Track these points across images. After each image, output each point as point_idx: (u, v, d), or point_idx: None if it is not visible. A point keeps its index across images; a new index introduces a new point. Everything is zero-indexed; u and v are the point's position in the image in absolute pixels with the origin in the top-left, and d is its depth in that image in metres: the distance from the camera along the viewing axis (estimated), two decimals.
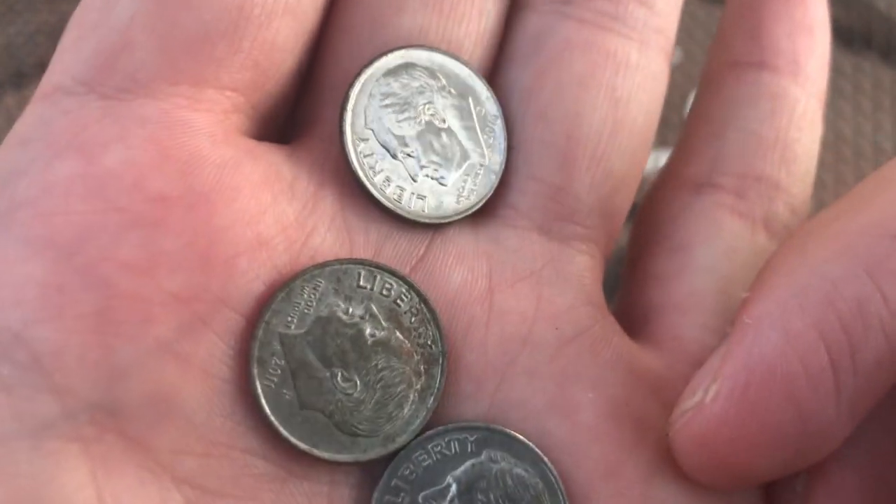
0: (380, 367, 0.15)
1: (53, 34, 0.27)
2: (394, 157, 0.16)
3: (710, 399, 0.14)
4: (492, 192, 0.17)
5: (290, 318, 0.15)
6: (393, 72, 0.16)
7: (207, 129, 0.15)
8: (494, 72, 0.18)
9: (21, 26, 0.27)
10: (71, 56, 0.15)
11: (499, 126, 0.17)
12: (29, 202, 0.14)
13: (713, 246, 0.17)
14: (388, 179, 0.16)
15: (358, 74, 0.16)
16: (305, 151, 0.16)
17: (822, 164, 0.19)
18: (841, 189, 0.18)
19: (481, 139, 0.17)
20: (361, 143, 0.16)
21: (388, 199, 0.16)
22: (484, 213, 0.17)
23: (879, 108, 0.29)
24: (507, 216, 0.17)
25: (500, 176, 0.17)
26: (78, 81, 0.15)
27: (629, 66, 0.17)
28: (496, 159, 0.17)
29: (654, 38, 0.17)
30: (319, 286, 0.15)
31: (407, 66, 0.16)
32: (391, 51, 0.16)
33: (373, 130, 0.16)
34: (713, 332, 0.17)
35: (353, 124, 0.16)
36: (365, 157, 0.16)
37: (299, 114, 0.17)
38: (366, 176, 0.16)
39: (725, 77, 0.19)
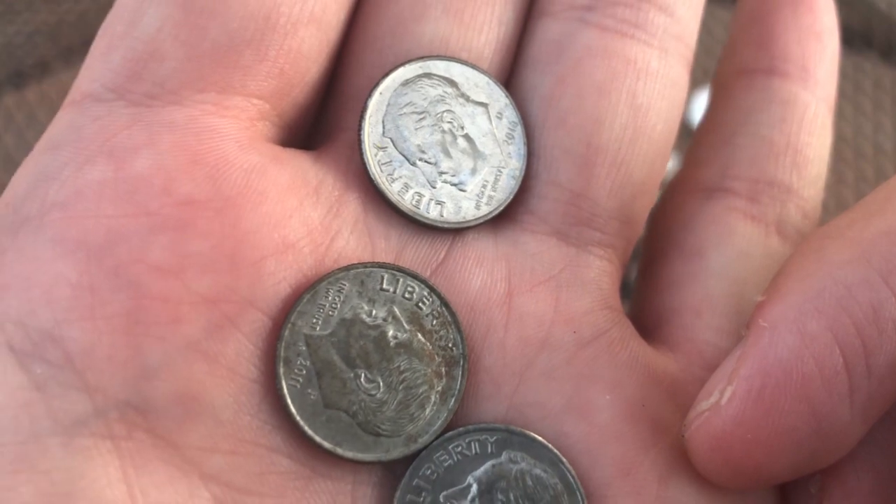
0: (402, 368, 0.15)
1: (52, 34, 0.27)
2: (412, 164, 0.16)
3: (725, 400, 0.14)
4: (511, 197, 0.17)
5: (315, 320, 0.15)
6: (411, 82, 0.17)
7: (234, 134, 0.15)
8: (513, 78, 0.18)
9: (20, 26, 0.27)
10: (100, 64, 0.16)
11: (518, 132, 0.17)
12: (60, 205, 0.14)
13: (726, 250, 0.18)
14: (406, 186, 0.16)
15: (376, 85, 0.17)
16: (330, 157, 0.16)
17: None
18: (842, 189, 0.18)
19: (500, 145, 0.17)
20: (380, 151, 0.16)
21: (406, 205, 0.16)
22: (503, 218, 0.17)
23: (880, 108, 0.29)
24: (527, 221, 0.17)
25: (519, 181, 0.17)
26: (107, 88, 0.15)
27: (649, 73, 0.17)
28: (516, 165, 0.17)
29: (674, 46, 0.18)
30: (344, 289, 0.15)
31: (425, 76, 0.17)
32: (409, 62, 0.17)
33: (391, 139, 0.16)
34: (727, 334, 0.17)
35: (371, 133, 0.16)
36: (383, 164, 0.16)
37: (324, 120, 0.17)
38: (384, 183, 0.16)
39: (736, 84, 0.19)
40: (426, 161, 0.17)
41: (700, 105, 0.19)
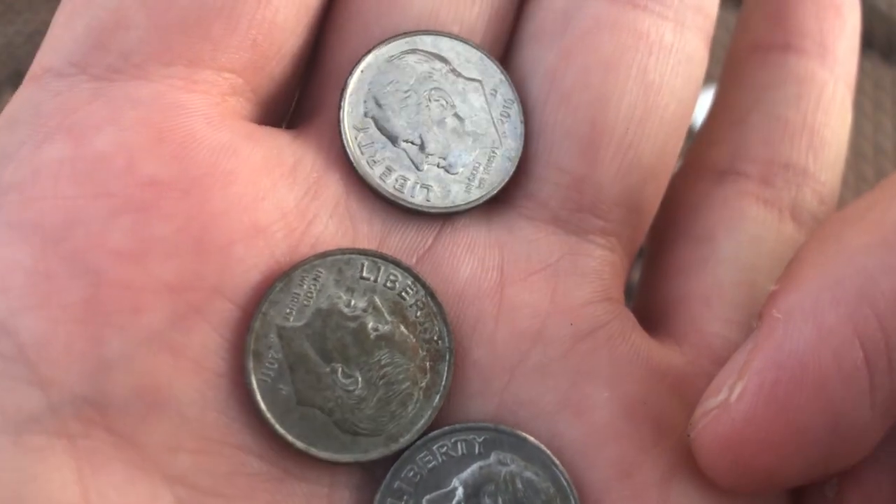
0: (383, 362, 0.14)
1: None
2: (396, 145, 0.16)
3: (735, 397, 0.13)
4: (507, 180, 0.16)
5: (288, 310, 0.14)
6: (396, 58, 0.16)
7: (203, 110, 0.14)
8: (514, 52, 0.17)
9: (21, 26, 0.28)
10: (61, 36, 0.15)
11: (515, 110, 0.16)
12: (16, 186, 0.14)
13: (737, 236, 0.17)
14: (389, 169, 0.15)
15: (358, 62, 0.16)
16: (310, 136, 0.16)
17: None
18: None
19: (495, 124, 0.16)
20: (360, 132, 0.15)
21: (388, 189, 0.15)
22: (499, 203, 0.16)
23: (880, 109, 0.29)
24: (524, 206, 0.16)
25: (515, 163, 0.16)
26: (69, 62, 0.15)
27: (662, 48, 0.16)
28: (511, 145, 0.16)
29: (692, 18, 0.16)
30: (320, 277, 0.14)
31: (411, 52, 0.16)
32: (394, 37, 0.16)
33: (374, 119, 0.16)
34: (737, 326, 0.16)
35: (350, 113, 0.15)
36: (364, 146, 0.15)
37: (305, 98, 0.17)
38: (365, 166, 0.15)
39: (749, 61, 0.18)
40: (411, 142, 0.16)
41: (701, 106, 0.18)
